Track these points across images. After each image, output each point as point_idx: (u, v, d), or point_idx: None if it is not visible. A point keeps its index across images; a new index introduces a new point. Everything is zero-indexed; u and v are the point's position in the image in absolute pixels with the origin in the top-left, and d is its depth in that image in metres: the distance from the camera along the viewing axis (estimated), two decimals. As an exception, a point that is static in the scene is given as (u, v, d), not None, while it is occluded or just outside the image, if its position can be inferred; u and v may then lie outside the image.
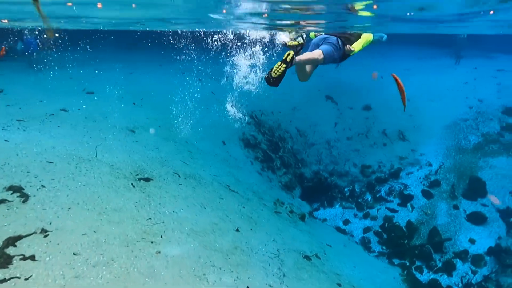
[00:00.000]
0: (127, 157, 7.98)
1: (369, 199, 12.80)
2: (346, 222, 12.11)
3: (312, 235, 9.19)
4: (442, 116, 15.95)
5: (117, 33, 19.34)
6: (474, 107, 16.55)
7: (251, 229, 7.22)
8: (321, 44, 5.76)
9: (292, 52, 5.12)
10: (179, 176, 8.24)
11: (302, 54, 5.49)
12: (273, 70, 5.09)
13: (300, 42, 5.59)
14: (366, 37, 5.82)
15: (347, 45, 5.65)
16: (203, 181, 8.65)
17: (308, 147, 14.88)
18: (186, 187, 7.74)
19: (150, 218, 5.62)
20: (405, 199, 12.24)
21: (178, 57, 20.35)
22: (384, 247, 11.00)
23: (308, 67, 5.88)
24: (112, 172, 6.93)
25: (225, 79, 17.63)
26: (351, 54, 5.73)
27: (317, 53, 5.44)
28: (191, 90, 15.38)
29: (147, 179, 7.21)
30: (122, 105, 11.77)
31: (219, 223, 6.61)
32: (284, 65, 5.05)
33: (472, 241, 10.41)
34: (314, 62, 5.58)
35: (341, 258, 8.56)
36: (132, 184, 6.76)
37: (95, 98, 12.02)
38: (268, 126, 15.22)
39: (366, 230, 11.61)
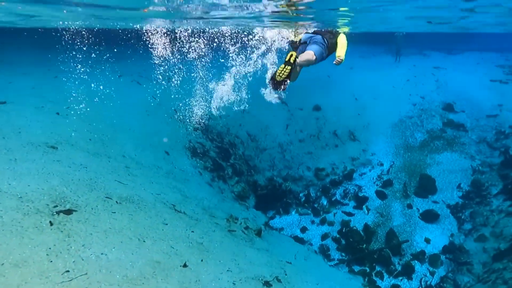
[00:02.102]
0: (43, 183, 6.49)
1: (325, 203, 12.39)
2: (303, 229, 11.56)
3: (270, 253, 8.40)
4: (389, 114, 16.18)
5: (36, 31, 16.96)
6: (417, 104, 17.06)
7: (202, 260, 6.20)
8: (309, 44, 5.77)
9: (294, 53, 5.07)
10: (113, 201, 6.93)
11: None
12: (277, 74, 5.02)
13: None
14: (345, 42, 5.83)
15: (338, 56, 5.65)
16: (143, 204, 7.42)
17: (260, 152, 14.13)
18: (121, 215, 6.48)
19: (68, 271, 4.36)
20: (360, 201, 12.01)
21: (113, 58, 18.43)
22: (343, 254, 10.60)
23: (298, 68, 5.87)
24: (20, 207, 5.47)
25: (167, 81, 16.26)
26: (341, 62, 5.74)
27: (310, 54, 5.41)
28: (128, 94, 13.81)
29: (68, 211, 5.84)
30: (42, 116, 9.97)
31: (162, 260, 5.50)
32: (289, 67, 5.02)
33: (427, 241, 10.39)
34: (309, 63, 5.55)
35: (303, 277, 7.87)
36: (49, 221, 5.37)
37: (7, 108, 10.06)
38: (217, 131, 14.20)
39: (324, 236, 11.15)
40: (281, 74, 5.03)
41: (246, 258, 7.31)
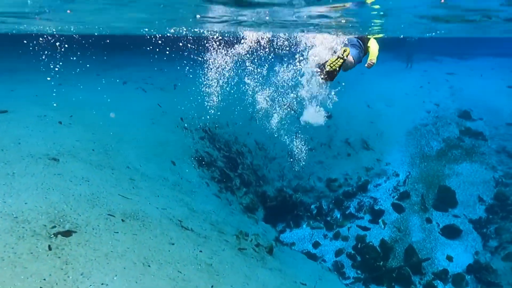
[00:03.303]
0: (41, 201, 6.02)
1: (338, 216, 11.79)
2: (316, 244, 10.96)
3: (283, 273, 7.85)
4: (403, 121, 15.59)
5: (43, 37, 16.69)
6: (432, 112, 16.44)
7: (212, 287, 5.66)
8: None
9: (348, 49, 5.18)
10: (116, 218, 6.44)
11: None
12: (328, 63, 5.08)
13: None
14: (377, 46, 6.11)
15: (370, 60, 5.96)
16: (148, 221, 6.93)
17: (269, 162, 13.60)
18: (125, 236, 5.98)
19: (63, 308, 3.85)
20: (376, 214, 11.39)
21: (118, 65, 18.14)
22: (359, 272, 9.99)
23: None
24: (14, 229, 5.00)
25: (173, 88, 15.84)
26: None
27: (350, 58, 5.47)
28: (133, 102, 13.41)
29: (67, 233, 5.36)
30: (44, 125, 9.56)
31: (169, 289, 4.98)
32: (341, 61, 5.08)
33: (449, 259, 9.74)
34: (350, 67, 5.66)
35: (319, 300, 7.31)
36: (48, 245, 4.88)
37: (8, 118, 9.67)
38: (224, 140, 13.71)
39: (338, 253, 10.55)
40: (332, 65, 5.07)
41: (259, 281, 6.77)
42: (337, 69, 5.16)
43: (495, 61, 26.42)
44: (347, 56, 5.16)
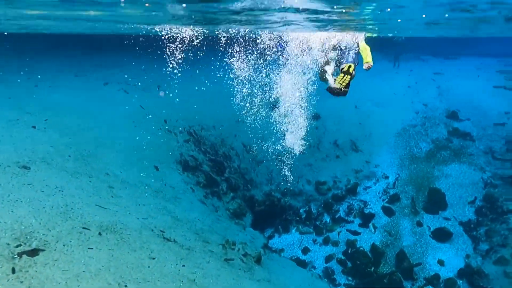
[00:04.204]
0: (6, 215, 5.50)
1: (328, 220, 11.52)
2: (305, 250, 10.66)
3: (272, 284, 7.49)
4: (391, 122, 15.43)
5: (17, 36, 15.89)
6: (420, 112, 16.35)
7: (194, 306, 5.25)
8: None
9: (352, 65, 5.64)
10: (91, 232, 5.96)
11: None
12: (337, 82, 5.59)
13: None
14: (368, 48, 6.19)
15: (368, 62, 6.09)
16: (127, 234, 6.46)
17: (256, 165, 13.22)
18: (100, 252, 5.51)
19: None
20: (366, 218, 11.16)
21: (99, 65, 17.44)
22: (350, 278, 9.72)
23: None
24: (-29, 250, 4.48)
25: (156, 89, 15.30)
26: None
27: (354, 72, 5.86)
28: (114, 104, 12.83)
29: (33, 252, 4.86)
30: (16, 130, 8.96)
31: (147, 313, 4.54)
32: (349, 77, 5.54)
33: (441, 263, 9.56)
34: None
35: (310, 313, 6.98)
36: (12, 268, 4.39)
37: (-25, 122, 9.05)
38: (210, 143, 13.27)
39: (329, 258, 10.27)
40: (341, 82, 5.55)
41: (246, 296, 6.39)
42: (347, 84, 5.62)
43: (480, 61, 26.66)
44: (353, 71, 5.57)
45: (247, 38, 11.01)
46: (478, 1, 6.23)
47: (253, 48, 11.61)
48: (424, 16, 7.72)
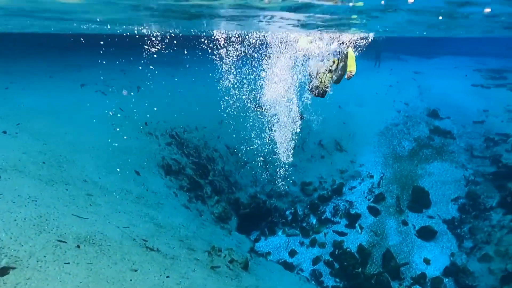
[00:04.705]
0: (-28, 231, 5.07)
1: (314, 222, 11.42)
2: (292, 253, 10.51)
3: (261, 291, 7.30)
4: (374, 122, 15.52)
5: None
6: (402, 111, 16.53)
7: (181, 321, 4.98)
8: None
9: (336, 60, 5.70)
10: (68, 245, 5.59)
11: None
12: (320, 81, 5.70)
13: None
14: (354, 57, 6.32)
15: (350, 71, 6.26)
16: (106, 245, 6.11)
17: (241, 167, 12.99)
18: (77, 267, 5.16)
19: None
20: (353, 219, 11.12)
21: (75, 65, 16.77)
22: (337, 280, 9.64)
23: None
24: None
25: (136, 91, 14.83)
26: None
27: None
28: (92, 107, 12.32)
29: (3, 271, 4.48)
30: (-16, 136, 8.42)
31: (129, 333, 4.25)
32: (330, 74, 5.67)
33: (427, 261, 9.61)
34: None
35: (299, 319, 6.82)
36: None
37: None
38: (193, 145, 12.95)
39: (316, 260, 10.16)
40: (323, 80, 5.70)
41: (234, 305, 6.16)
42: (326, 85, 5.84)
43: (457, 60, 27.34)
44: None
45: (229, 38, 10.79)
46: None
47: (236, 48, 11.39)
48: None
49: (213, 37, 10.56)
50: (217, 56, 10.95)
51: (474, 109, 16.23)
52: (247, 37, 9.92)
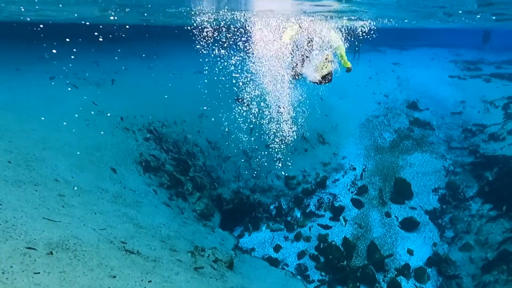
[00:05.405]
0: None
1: (299, 215, 11.29)
2: (277, 248, 10.36)
3: (247, 291, 7.08)
4: (356, 113, 15.52)
5: None
6: (382, 103, 16.62)
7: (165, 330, 4.67)
8: None
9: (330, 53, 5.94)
10: (38, 252, 5.14)
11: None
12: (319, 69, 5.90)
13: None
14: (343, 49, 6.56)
15: (348, 68, 6.74)
16: (81, 250, 5.69)
17: (223, 161, 12.67)
18: (49, 276, 4.74)
19: None
20: (337, 211, 11.07)
21: (44, 57, 15.81)
22: (323, 273, 9.57)
23: None
24: None
25: (110, 84, 14.13)
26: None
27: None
28: (62, 100, 11.61)
29: (-38, 286, 4.00)
30: None
31: None
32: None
33: (410, 252, 9.68)
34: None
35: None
36: None
37: None
38: (172, 140, 12.49)
39: (301, 255, 10.05)
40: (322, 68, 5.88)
41: (221, 308, 5.90)
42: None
43: (432, 51, 27.86)
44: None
45: (208, 26, 10.37)
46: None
47: (215, 38, 10.96)
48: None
49: (194, 25, 10.11)
50: (198, 46, 10.51)
51: (451, 100, 16.54)
52: (226, 25, 9.54)
